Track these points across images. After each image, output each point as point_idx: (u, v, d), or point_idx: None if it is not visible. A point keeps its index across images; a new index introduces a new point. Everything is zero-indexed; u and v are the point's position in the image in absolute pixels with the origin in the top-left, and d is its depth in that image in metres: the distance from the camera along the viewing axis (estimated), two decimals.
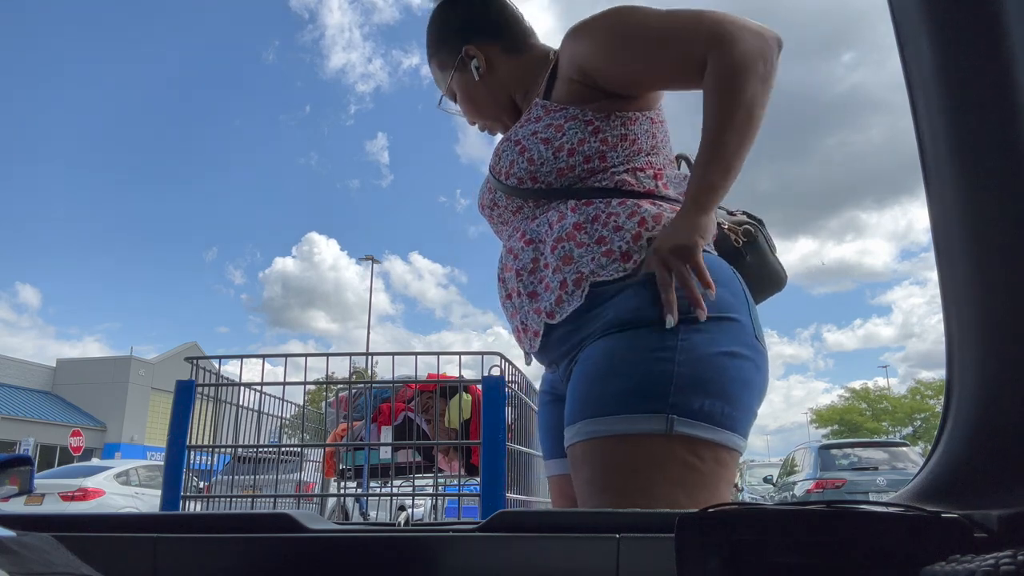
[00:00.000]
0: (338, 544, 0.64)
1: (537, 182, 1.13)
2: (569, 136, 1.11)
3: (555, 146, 1.11)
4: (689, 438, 0.95)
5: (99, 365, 30.91)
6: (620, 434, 0.97)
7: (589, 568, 0.58)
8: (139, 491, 9.54)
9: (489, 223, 1.29)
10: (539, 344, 1.13)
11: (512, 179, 1.15)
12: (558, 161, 1.11)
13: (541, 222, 1.13)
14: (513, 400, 2.24)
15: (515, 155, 1.15)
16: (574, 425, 1.03)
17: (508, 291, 1.19)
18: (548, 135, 1.12)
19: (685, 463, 0.96)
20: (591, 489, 1.00)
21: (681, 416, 0.95)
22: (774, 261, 1.23)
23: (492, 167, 1.21)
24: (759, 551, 0.49)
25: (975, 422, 0.59)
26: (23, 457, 0.98)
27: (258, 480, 2.68)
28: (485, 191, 1.26)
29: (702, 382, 0.97)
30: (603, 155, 1.11)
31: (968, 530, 0.49)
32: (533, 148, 1.13)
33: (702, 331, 0.99)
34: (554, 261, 1.08)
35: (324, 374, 2.86)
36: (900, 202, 62.81)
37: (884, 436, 28.01)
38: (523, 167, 1.13)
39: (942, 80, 0.58)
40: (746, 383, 1.00)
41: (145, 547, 0.65)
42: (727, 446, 0.98)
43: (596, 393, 1.01)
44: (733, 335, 1.01)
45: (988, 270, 0.56)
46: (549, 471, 1.28)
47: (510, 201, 1.19)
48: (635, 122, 1.13)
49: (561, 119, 1.12)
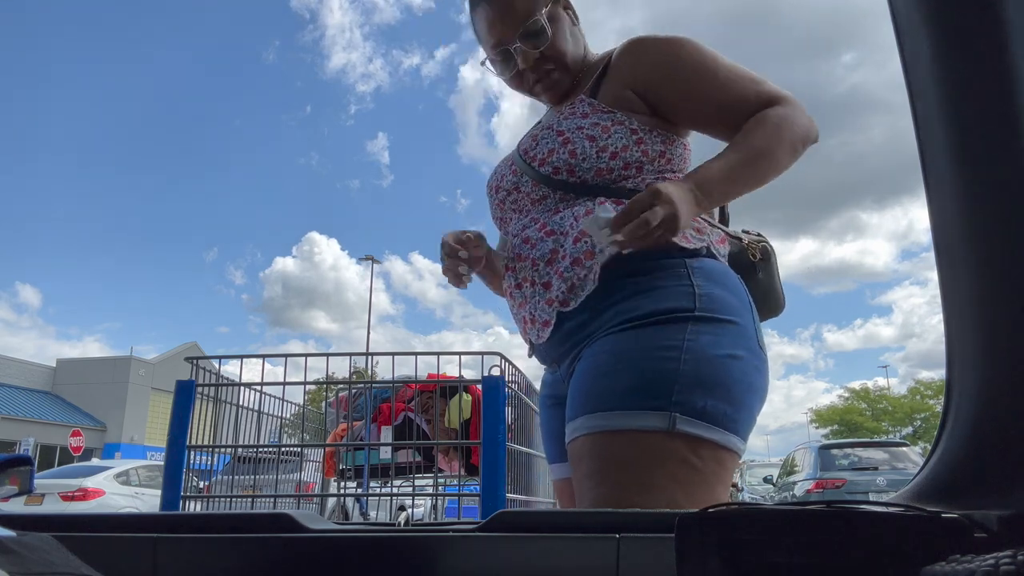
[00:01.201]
0: (338, 544, 0.64)
1: (574, 176, 1.13)
2: (614, 139, 1.12)
3: (600, 145, 1.12)
4: (690, 437, 0.97)
5: (99, 365, 30.89)
6: (622, 429, 0.98)
7: (589, 568, 0.58)
8: (139, 491, 9.53)
9: (497, 207, 1.28)
10: (548, 335, 1.13)
11: (547, 167, 1.15)
12: (599, 161, 1.12)
13: (566, 215, 1.14)
14: (513, 400, 2.24)
15: (556, 144, 1.15)
16: (576, 420, 1.04)
17: (519, 280, 1.18)
18: (594, 133, 1.13)
19: (685, 461, 0.97)
20: (590, 483, 1.00)
21: (684, 415, 0.97)
22: (779, 286, 1.27)
23: (525, 151, 1.20)
24: (759, 551, 0.49)
25: (975, 422, 0.59)
26: (23, 457, 0.98)
27: (258, 480, 2.68)
28: (507, 173, 1.24)
29: (706, 382, 0.98)
30: (640, 166, 1.13)
31: (968, 530, 0.49)
32: (577, 142, 1.13)
33: (708, 332, 1.01)
34: (575, 254, 1.10)
35: (324, 374, 2.86)
36: (901, 202, 62.87)
37: (884, 436, 28.00)
38: (563, 158, 1.13)
39: (942, 80, 0.57)
40: (748, 386, 1.02)
41: (145, 547, 0.65)
42: (727, 447, 1.00)
43: (600, 388, 1.02)
44: (736, 338, 1.03)
45: (988, 270, 0.56)
46: (555, 475, 1.28)
47: (535, 189, 1.18)
48: (672, 143, 1.17)
49: (608, 121, 1.13)
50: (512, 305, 1.23)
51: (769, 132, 1.06)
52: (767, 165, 1.07)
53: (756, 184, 1.08)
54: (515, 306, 1.21)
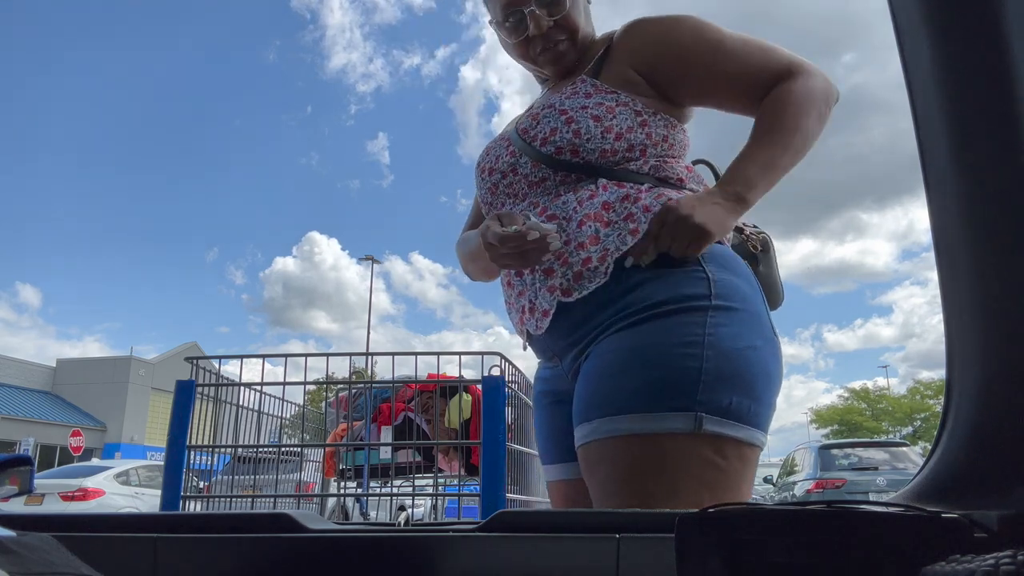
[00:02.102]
0: (338, 544, 0.64)
1: (577, 156, 1.10)
2: (619, 120, 1.10)
3: (605, 126, 1.09)
4: (716, 436, 0.94)
5: (99, 365, 30.88)
6: (643, 433, 0.94)
7: (589, 568, 0.58)
8: (139, 491, 9.53)
9: (488, 192, 1.21)
10: (547, 325, 1.08)
11: (549, 147, 1.11)
12: (604, 142, 1.09)
13: (568, 200, 1.09)
14: (513, 400, 2.24)
15: (559, 124, 1.11)
16: (589, 423, 0.99)
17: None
18: (599, 113, 1.10)
19: (710, 462, 0.94)
20: (610, 489, 0.96)
21: (709, 414, 0.93)
22: (779, 278, 1.25)
23: (524, 130, 1.16)
24: (759, 551, 0.49)
25: (975, 422, 0.59)
26: (23, 457, 0.97)
27: (258, 480, 2.68)
28: (503, 153, 1.18)
29: (730, 378, 0.95)
30: (644, 148, 1.11)
31: (968, 530, 0.49)
32: (582, 121, 1.10)
33: (725, 324, 0.98)
34: (580, 238, 1.06)
35: (324, 374, 2.86)
36: (902, 202, 62.82)
37: (884, 436, 27.98)
38: (567, 138, 1.10)
39: (942, 80, 0.57)
40: (768, 376, 1.00)
41: (145, 547, 0.65)
42: (751, 443, 0.97)
43: (616, 389, 0.97)
44: (753, 327, 1.01)
45: (988, 270, 0.56)
46: (551, 476, 1.22)
47: (535, 170, 1.13)
48: (674, 128, 1.15)
49: (612, 102, 1.11)
50: (510, 294, 1.18)
51: (797, 110, 1.05)
52: (803, 143, 1.06)
53: (792, 165, 1.07)
54: (513, 295, 1.17)
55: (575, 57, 1.21)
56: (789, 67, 1.08)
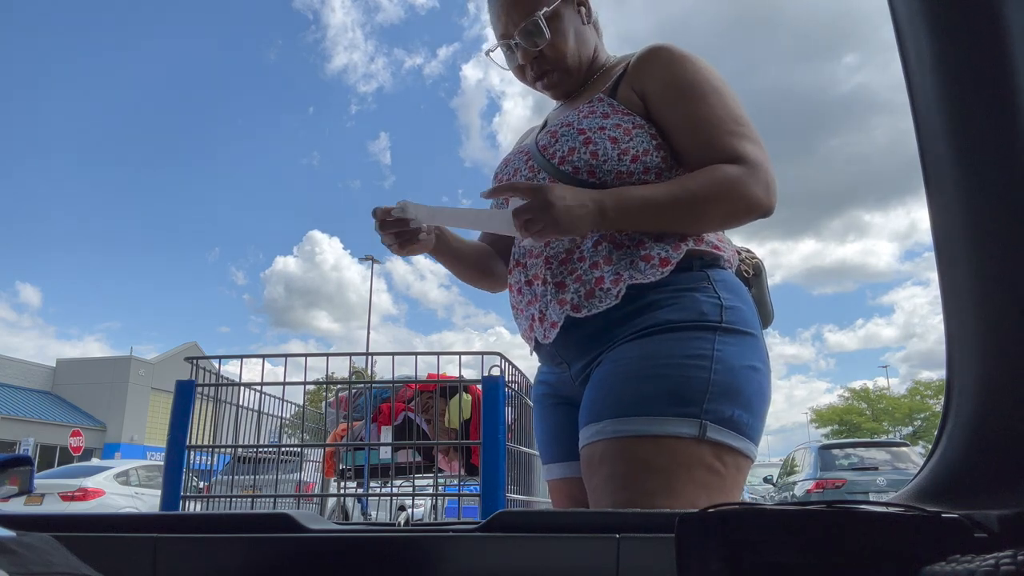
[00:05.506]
0: (338, 544, 0.64)
1: (594, 176, 1.12)
2: (636, 143, 1.11)
3: (622, 147, 1.11)
4: (717, 444, 1.00)
5: (99, 365, 30.88)
6: (650, 435, 0.99)
7: (589, 568, 0.58)
8: (139, 491, 9.53)
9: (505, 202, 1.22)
10: (555, 336, 1.12)
11: (567, 166, 1.13)
12: (620, 164, 1.11)
13: None
14: (513, 400, 2.24)
15: (578, 143, 1.12)
16: (597, 423, 1.03)
17: (529, 277, 1.17)
18: (616, 135, 1.11)
19: (710, 468, 0.99)
20: (613, 486, 1.00)
21: (713, 423, 0.99)
22: (769, 300, 1.28)
23: (544, 147, 1.17)
24: (759, 551, 0.49)
25: (975, 422, 0.59)
26: (23, 457, 0.97)
27: (258, 480, 2.68)
28: (522, 167, 1.21)
29: (733, 392, 1.01)
30: (660, 172, 1.12)
31: (968, 530, 0.49)
32: (600, 143, 1.11)
33: (732, 344, 1.04)
34: (594, 257, 1.09)
35: (324, 374, 2.86)
36: (903, 203, 62.87)
37: (884, 436, 27.99)
38: (585, 159, 1.11)
39: (942, 80, 0.57)
40: (763, 397, 1.06)
41: (145, 547, 0.65)
42: (746, 454, 1.03)
43: (628, 393, 1.02)
44: (755, 350, 1.07)
45: (988, 270, 0.56)
46: (551, 475, 1.25)
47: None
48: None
49: (629, 124, 1.12)
50: (519, 302, 1.20)
51: (711, 186, 1.03)
52: (691, 215, 1.05)
53: (674, 226, 1.07)
54: (522, 303, 1.19)
55: (572, 82, 1.23)
56: (743, 156, 1.06)
